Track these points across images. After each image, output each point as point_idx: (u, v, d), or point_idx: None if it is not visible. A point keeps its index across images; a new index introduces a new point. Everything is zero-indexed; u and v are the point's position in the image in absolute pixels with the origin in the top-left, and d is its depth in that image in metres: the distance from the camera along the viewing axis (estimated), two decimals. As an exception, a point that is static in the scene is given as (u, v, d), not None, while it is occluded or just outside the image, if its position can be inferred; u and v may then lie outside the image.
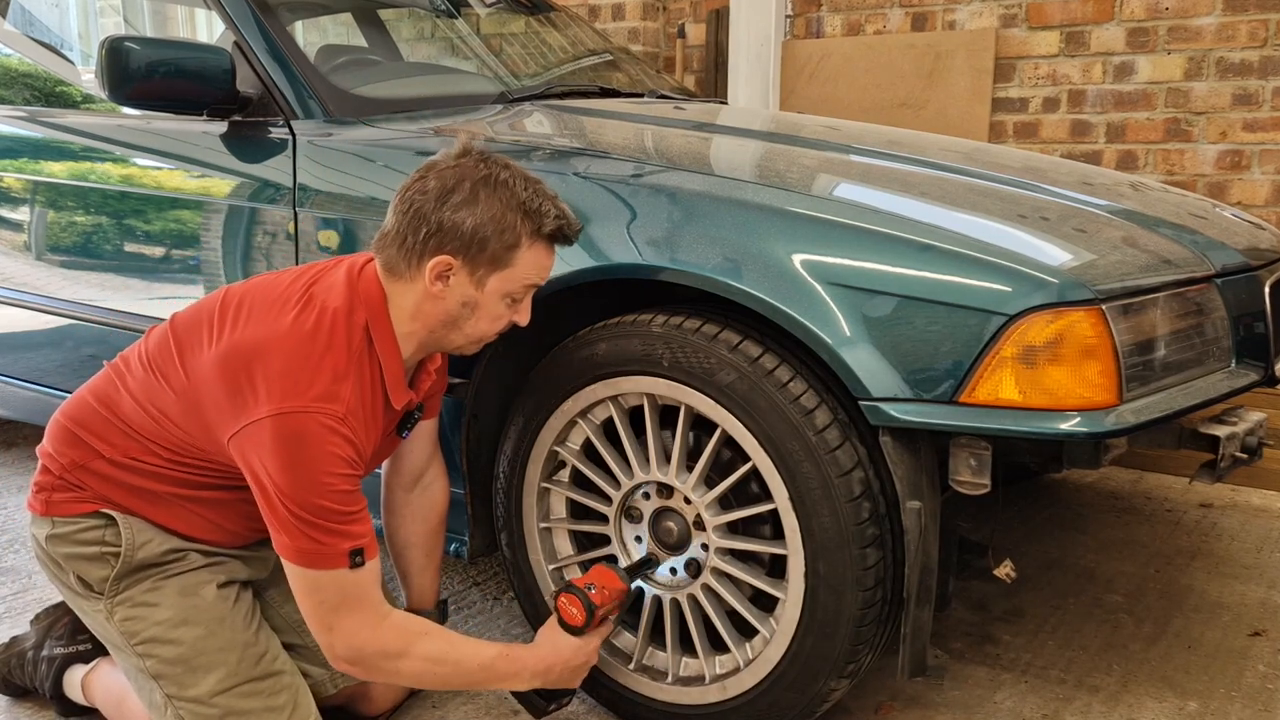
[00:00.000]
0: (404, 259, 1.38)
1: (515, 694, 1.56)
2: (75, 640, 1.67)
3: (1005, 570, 1.56)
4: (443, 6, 2.67)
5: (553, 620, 1.52)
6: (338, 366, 1.34)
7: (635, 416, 1.61)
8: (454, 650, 1.42)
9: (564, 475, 1.70)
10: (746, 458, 1.46)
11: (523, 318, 1.46)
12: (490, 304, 1.41)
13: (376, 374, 1.41)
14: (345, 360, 1.35)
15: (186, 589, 1.47)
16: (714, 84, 4.35)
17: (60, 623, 1.70)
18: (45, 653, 1.67)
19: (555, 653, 1.49)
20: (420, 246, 1.36)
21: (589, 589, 1.49)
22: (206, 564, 1.50)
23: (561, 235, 1.41)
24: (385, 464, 1.70)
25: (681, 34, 4.39)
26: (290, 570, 1.34)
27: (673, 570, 1.61)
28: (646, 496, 1.61)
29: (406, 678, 1.41)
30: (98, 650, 1.65)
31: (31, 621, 1.75)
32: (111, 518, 1.46)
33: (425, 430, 1.66)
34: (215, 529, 1.50)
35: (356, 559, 1.33)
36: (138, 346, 1.48)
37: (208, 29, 3.63)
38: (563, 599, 1.50)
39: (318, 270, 1.45)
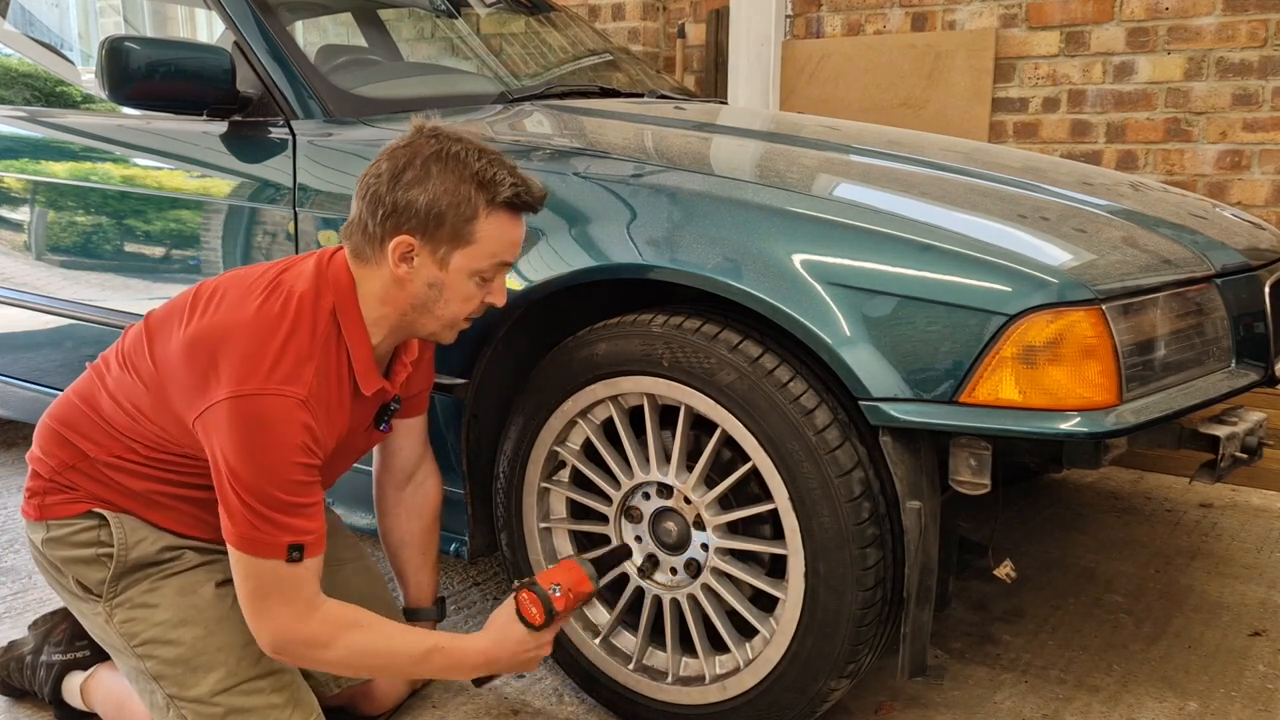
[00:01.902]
0: (368, 244, 1.38)
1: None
2: (74, 647, 1.67)
3: (1005, 570, 1.56)
4: (443, 6, 2.67)
5: (510, 608, 1.47)
6: (300, 350, 1.34)
7: (635, 416, 1.61)
8: (385, 642, 1.39)
9: (564, 475, 1.70)
10: (746, 458, 1.46)
11: (498, 298, 1.44)
12: (457, 283, 1.39)
13: (344, 360, 1.40)
14: (309, 344, 1.35)
15: (185, 589, 1.47)
16: (714, 84, 4.35)
17: (58, 629, 1.70)
18: (44, 658, 1.67)
19: (501, 646, 1.45)
20: (379, 230, 1.36)
21: (553, 590, 1.45)
22: (203, 562, 1.50)
23: (520, 202, 1.38)
24: (375, 464, 1.70)
25: (681, 34, 4.39)
26: (231, 552, 1.34)
27: (673, 570, 1.61)
28: (646, 496, 1.61)
29: (333, 666, 1.40)
30: (96, 656, 1.65)
31: (30, 627, 1.75)
32: (104, 517, 1.46)
33: (415, 427, 1.66)
34: (204, 525, 1.50)
35: (294, 554, 1.32)
36: (115, 345, 1.49)
37: (208, 29, 3.63)
38: (525, 596, 1.45)
39: (290, 261, 1.46)
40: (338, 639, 1.36)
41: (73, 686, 1.64)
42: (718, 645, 1.59)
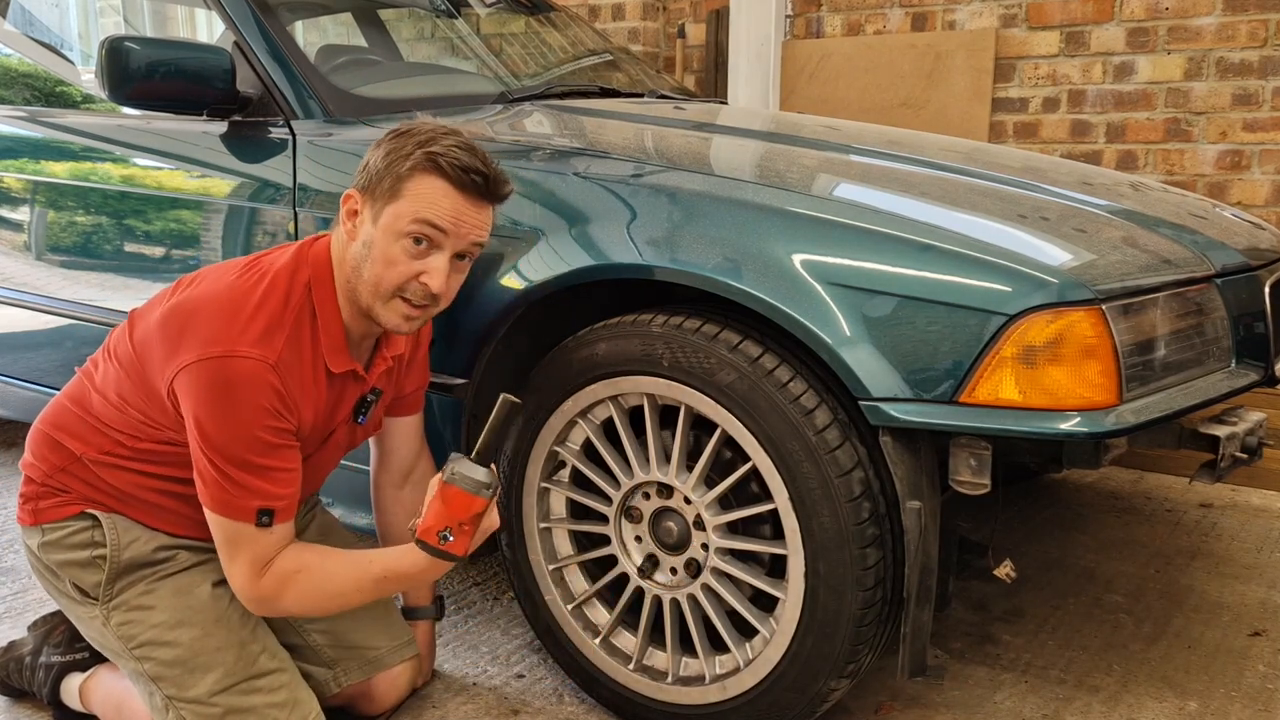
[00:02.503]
0: (339, 209, 1.43)
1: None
2: (73, 649, 1.67)
3: (1005, 570, 1.56)
4: (443, 6, 2.67)
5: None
6: (271, 318, 1.36)
7: (635, 416, 1.61)
8: (329, 582, 1.41)
9: (564, 475, 1.70)
10: (746, 458, 1.46)
11: (433, 277, 1.37)
12: (383, 242, 1.37)
13: (316, 335, 1.42)
14: (280, 313, 1.37)
15: (181, 589, 1.47)
16: (714, 84, 4.35)
17: (58, 630, 1.70)
18: (43, 659, 1.67)
19: (439, 566, 1.41)
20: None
21: (444, 538, 1.34)
22: (198, 562, 1.51)
23: (450, 167, 1.34)
24: (373, 464, 1.70)
25: (681, 34, 4.39)
26: (206, 512, 1.37)
27: (673, 570, 1.61)
28: (646, 496, 1.61)
29: (295, 614, 1.47)
30: (95, 658, 1.65)
31: (29, 628, 1.75)
32: (96, 518, 1.47)
33: (411, 426, 1.66)
34: (194, 524, 1.50)
35: (264, 519, 1.35)
36: (102, 345, 1.51)
37: (208, 29, 3.63)
38: (420, 534, 1.37)
39: (273, 249, 1.49)
40: (285, 590, 1.40)
41: (71, 688, 1.64)
42: (718, 645, 1.59)
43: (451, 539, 1.34)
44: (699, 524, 1.56)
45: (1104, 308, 1.30)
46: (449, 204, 1.37)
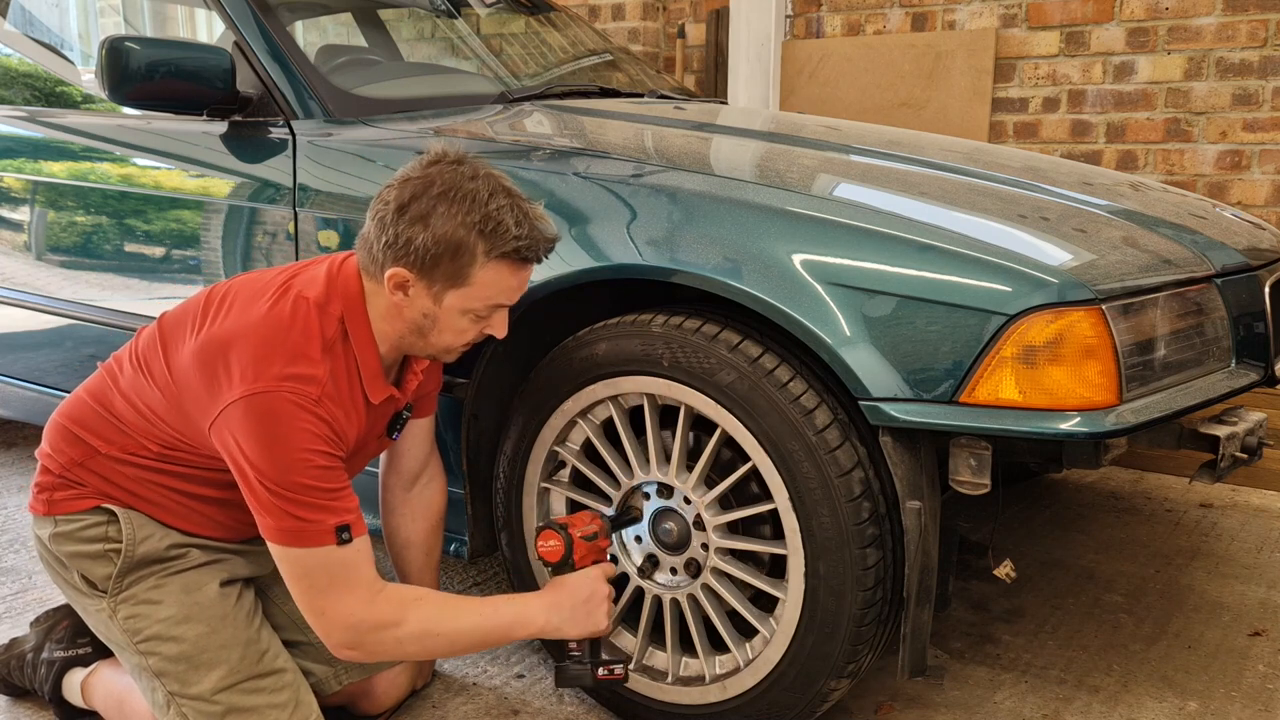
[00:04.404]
0: (372, 263, 1.38)
1: (558, 667, 1.51)
2: (75, 644, 1.67)
3: (1005, 570, 1.56)
4: (443, 6, 2.67)
5: (549, 578, 1.51)
6: (311, 353, 1.34)
7: (635, 416, 1.61)
8: (451, 611, 1.40)
9: (564, 475, 1.70)
10: (746, 458, 1.46)
11: (498, 330, 1.44)
12: (450, 319, 1.39)
13: (353, 366, 1.41)
14: (319, 348, 1.36)
15: (189, 586, 1.47)
16: (714, 84, 4.35)
17: (60, 626, 1.70)
18: (45, 656, 1.67)
19: (558, 587, 1.46)
20: (381, 256, 1.36)
21: (564, 525, 1.50)
22: (208, 561, 1.51)
23: (521, 256, 1.36)
24: (382, 465, 1.70)
25: (681, 34, 4.39)
26: (277, 554, 1.33)
27: (673, 570, 1.61)
28: (646, 496, 1.61)
29: (405, 647, 1.38)
30: (98, 654, 1.65)
31: (31, 624, 1.75)
32: (113, 513, 1.46)
33: (421, 428, 1.66)
34: (213, 524, 1.51)
35: (344, 535, 1.32)
36: (129, 346, 1.50)
37: (208, 29, 3.63)
38: (540, 539, 1.48)
39: (301, 265, 1.47)
40: (408, 615, 1.36)
41: (73, 684, 1.64)
42: (718, 645, 1.59)
43: (570, 526, 1.49)
44: (699, 524, 1.56)
45: (1104, 308, 1.30)
46: (516, 281, 1.40)
